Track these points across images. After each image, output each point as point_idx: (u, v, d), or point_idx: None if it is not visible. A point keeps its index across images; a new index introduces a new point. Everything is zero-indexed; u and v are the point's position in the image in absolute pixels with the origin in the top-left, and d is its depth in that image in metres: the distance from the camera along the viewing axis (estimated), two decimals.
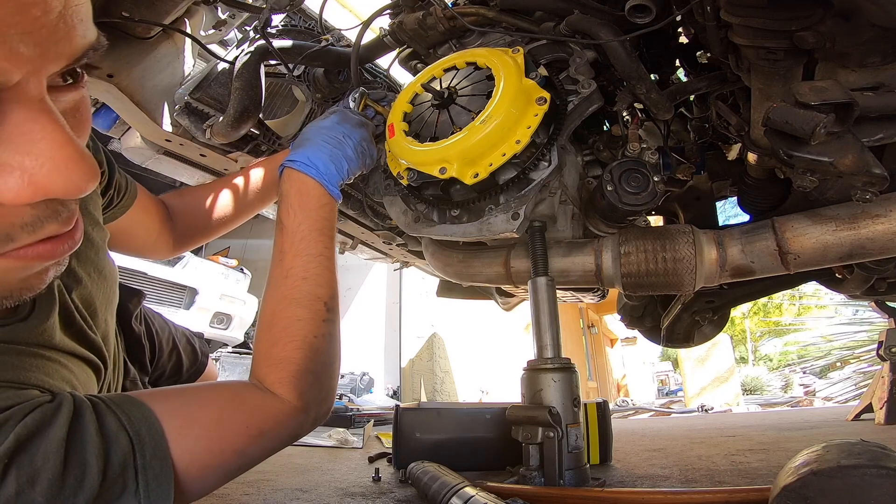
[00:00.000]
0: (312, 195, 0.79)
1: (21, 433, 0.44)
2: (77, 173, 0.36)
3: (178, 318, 3.44)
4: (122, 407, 0.52)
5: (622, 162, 0.94)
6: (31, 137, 0.34)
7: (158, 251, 1.04)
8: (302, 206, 0.78)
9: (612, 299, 1.79)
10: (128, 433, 0.50)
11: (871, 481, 0.49)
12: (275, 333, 0.69)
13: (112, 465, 0.47)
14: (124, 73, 1.14)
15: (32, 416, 0.46)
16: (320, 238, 0.76)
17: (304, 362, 0.67)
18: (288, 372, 0.66)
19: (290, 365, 0.66)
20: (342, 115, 0.94)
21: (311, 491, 1.10)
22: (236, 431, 0.59)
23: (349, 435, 2.05)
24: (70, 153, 0.35)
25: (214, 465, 0.56)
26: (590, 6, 0.98)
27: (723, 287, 1.29)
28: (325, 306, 0.72)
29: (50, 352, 0.58)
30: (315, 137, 0.85)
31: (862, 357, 6.84)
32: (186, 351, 1.26)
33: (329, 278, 0.75)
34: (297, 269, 0.73)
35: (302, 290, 0.72)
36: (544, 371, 0.93)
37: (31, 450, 0.44)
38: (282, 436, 0.64)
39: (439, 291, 1.95)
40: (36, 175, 0.34)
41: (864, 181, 0.68)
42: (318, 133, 0.86)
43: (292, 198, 0.78)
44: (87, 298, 0.68)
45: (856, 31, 0.66)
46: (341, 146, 0.86)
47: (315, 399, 0.67)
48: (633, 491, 0.87)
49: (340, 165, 0.84)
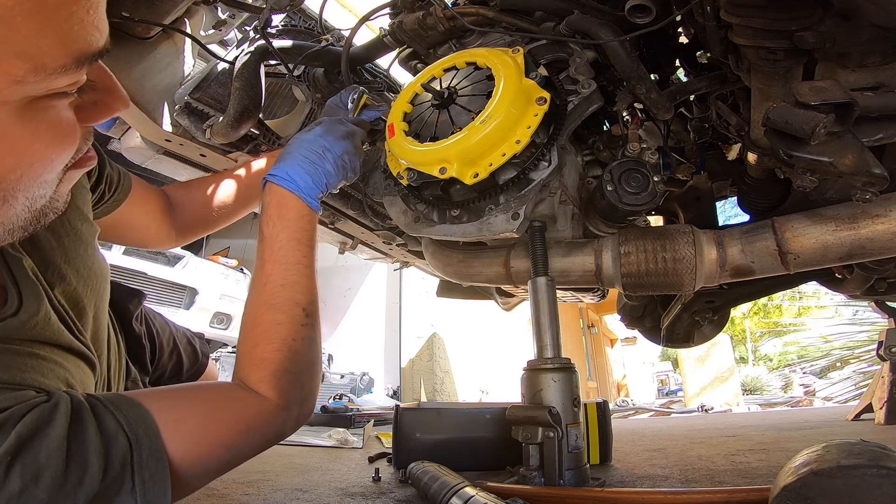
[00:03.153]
0: (290, 207, 0.81)
1: (22, 432, 0.45)
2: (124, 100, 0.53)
3: (178, 318, 3.44)
4: (120, 407, 0.53)
5: (622, 162, 0.94)
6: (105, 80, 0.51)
7: (160, 241, 1.07)
8: (281, 217, 0.80)
9: (612, 299, 1.79)
10: (126, 433, 0.51)
11: (871, 481, 0.49)
12: (255, 336, 0.72)
13: (112, 463, 0.49)
14: (124, 73, 1.14)
15: (31, 415, 0.47)
16: (298, 247, 0.79)
17: (284, 363, 0.69)
18: (268, 371, 0.68)
19: (271, 365, 0.69)
20: (326, 126, 0.94)
21: (311, 491, 1.10)
22: (225, 426, 0.62)
23: (349, 435, 2.05)
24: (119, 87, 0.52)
25: (205, 459, 0.59)
26: (590, 6, 0.98)
27: (723, 287, 1.29)
28: (303, 311, 0.75)
29: (44, 349, 0.58)
30: (296, 151, 0.87)
31: (862, 357, 6.84)
32: (187, 351, 1.26)
33: (307, 285, 0.77)
34: (275, 276, 0.76)
35: (280, 296, 0.74)
36: (544, 371, 0.93)
37: (34, 447, 0.45)
38: (267, 432, 0.67)
39: (439, 291, 1.95)
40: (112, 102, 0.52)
41: (864, 181, 0.68)
42: (299, 147, 0.88)
43: (272, 209, 0.81)
44: (71, 296, 0.68)
45: (856, 31, 0.66)
46: (321, 160, 0.87)
47: (296, 398, 0.70)
48: (633, 491, 0.87)
49: (319, 179, 0.86)
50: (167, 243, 1.08)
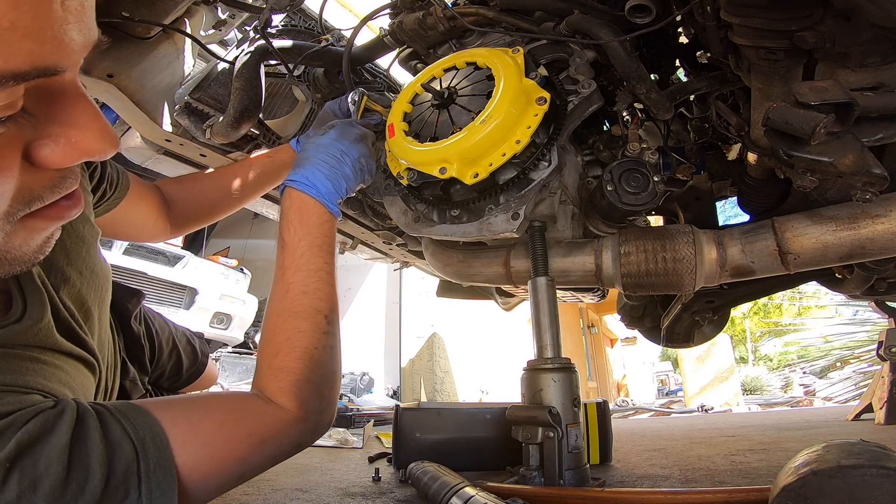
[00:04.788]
0: (312, 213, 0.81)
1: (23, 438, 0.45)
2: (108, 139, 0.44)
3: (177, 318, 3.44)
4: (127, 415, 0.52)
5: (622, 162, 0.94)
6: (73, 113, 0.42)
7: (157, 235, 1.09)
8: (302, 223, 0.79)
9: (612, 299, 1.79)
10: (132, 441, 0.50)
11: (871, 481, 0.49)
12: (276, 345, 0.70)
13: (115, 472, 0.48)
14: (124, 73, 1.14)
15: (35, 421, 0.46)
16: (320, 254, 0.78)
17: (305, 372, 0.68)
18: (289, 381, 0.67)
19: (291, 375, 0.68)
20: (341, 130, 0.93)
21: (311, 491, 1.10)
22: (238, 439, 0.60)
23: (349, 435, 2.05)
24: (102, 124, 0.44)
25: (217, 473, 0.57)
26: (590, 6, 0.98)
27: (723, 287, 1.29)
28: (325, 319, 0.74)
29: (46, 354, 0.58)
30: (314, 156, 0.87)
31: (862, 357, 6.84)
32: (186, 351, 1.26)
33: (329, 292, 0.77)
34: (297, 283, 0.75)
35: (303, 303, 0.74)
36: (544, 371, 0.93)
37: (33, 455, 0.45)
38: (283, 444, 0.65)
39: (439, 291, 1.95)
40: (81, 142, 0.43)
41: (864, 181, 0.68)
42: (317, 151, 0.87)
43: (293, 215, 0.80)
44: (77, 297, 0.68)
45: (856, 31, 0.66)
46: (340, 164, 0.87)
47: (315, 408, 0.68)
48: (633, 491, 0.87)
49: (339, 184, 0.86)
50: (163, 236, 1.10)
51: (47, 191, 0.45)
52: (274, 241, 0.83)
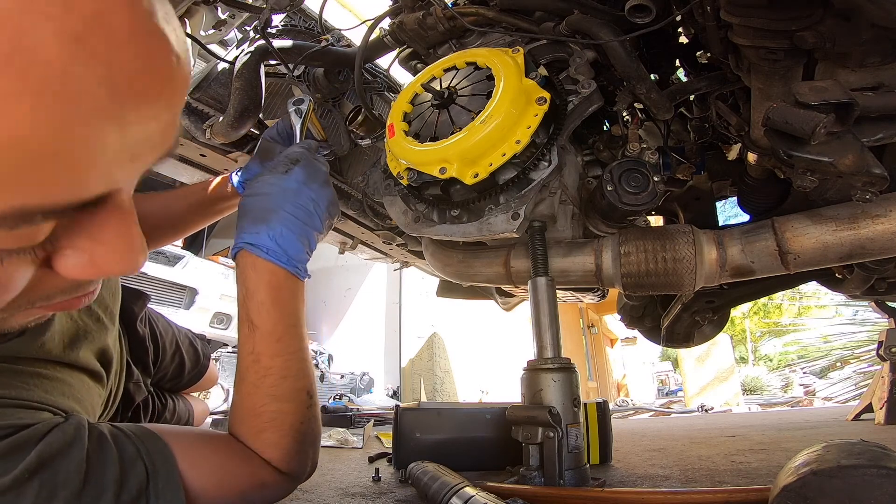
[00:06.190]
0: (285, 288, 0.69)
1: (44, 451, 0.46)
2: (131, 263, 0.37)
3: (178, 318, 3.44)
4: (140, 437, 0.55)
5: (622, 162, 0.94)
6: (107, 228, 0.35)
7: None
8: (276, 302, 0.69)
9: (612, 299, 1.79)
10: (144, 461, 0.53)
11: (871, 481, 0.49)
12: (260, 424, 0.68)
13: (129, 489, 0.50)
14: None
15: (54, 434, 0.48)
16: (296, 332, 0.71)
17: (294, 445, 0.70)
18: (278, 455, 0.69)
19: (280, 450, 0.69)
20: (308, 170, 0.76)
21: (311, 491, 1.10)
22: (243, 476, 0.63)
23: (349, 435, 2.05)
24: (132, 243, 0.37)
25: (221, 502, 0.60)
26: (590, 6, 0.98)
27: (723, 287, 1.29)
28: (307, 394, 0.72)
29: (48, 367, 0.60)
30: (280, 208, 0.70)
31: (862, 357, 6.84)
32: (189, 353, 1.27)
33: (307, 368, 0.73)
34: (276, 368, 0.69)
35: (284, 387, 0.69)
36: (544, 371, 0.93)
37: (53, 467, 0.46)
38: (277, 494, 0.70)
39: (439, 291, 1.95)
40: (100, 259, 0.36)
41: (864, 181, 0.68)
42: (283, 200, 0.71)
43: (262, 294, 0.68)
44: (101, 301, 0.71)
45: (856, 31, 0.66)
46: (310, 218, 0.72)
47: (303, 469, 0.73)
48: (633, 491, 0.86)
49: (310, 244, 0.73)
50: None
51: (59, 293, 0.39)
52: None
